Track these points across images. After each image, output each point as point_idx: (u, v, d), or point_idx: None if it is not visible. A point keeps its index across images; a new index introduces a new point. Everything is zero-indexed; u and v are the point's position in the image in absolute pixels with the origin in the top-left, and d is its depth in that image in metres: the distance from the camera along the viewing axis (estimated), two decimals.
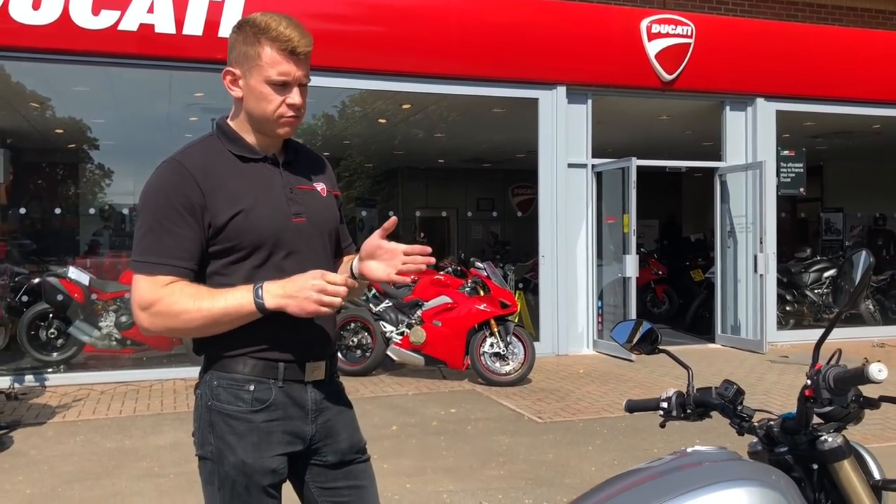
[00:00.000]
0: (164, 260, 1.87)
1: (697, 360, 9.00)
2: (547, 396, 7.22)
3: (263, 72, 1.91)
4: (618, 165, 9.64)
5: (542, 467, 5.15)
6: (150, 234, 1.88)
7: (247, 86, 1.95)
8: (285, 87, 1.93)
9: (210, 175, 1.91)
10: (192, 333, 1.93)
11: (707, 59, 9.93)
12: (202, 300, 1.85)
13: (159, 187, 1.90)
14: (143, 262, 1.88)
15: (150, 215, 1.89)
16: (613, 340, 2.27)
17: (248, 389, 1.92)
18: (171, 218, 1.87)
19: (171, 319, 1.86)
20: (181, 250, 1.88)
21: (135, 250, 1.90)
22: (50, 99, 10.65)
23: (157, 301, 1.86)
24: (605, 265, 10.11)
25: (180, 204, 1.87)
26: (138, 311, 1.89)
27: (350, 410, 2.15)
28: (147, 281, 1.87)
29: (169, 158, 1.94)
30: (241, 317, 1.86)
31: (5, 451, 5.56)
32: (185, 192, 1.87)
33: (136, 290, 1.89)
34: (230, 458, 1.90)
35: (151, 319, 1.88)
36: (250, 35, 1.93)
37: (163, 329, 1.91)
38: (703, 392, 1.99)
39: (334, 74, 8.61)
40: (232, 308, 1.84)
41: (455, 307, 7.69)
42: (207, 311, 1.84)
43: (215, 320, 1.85)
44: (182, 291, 1.86)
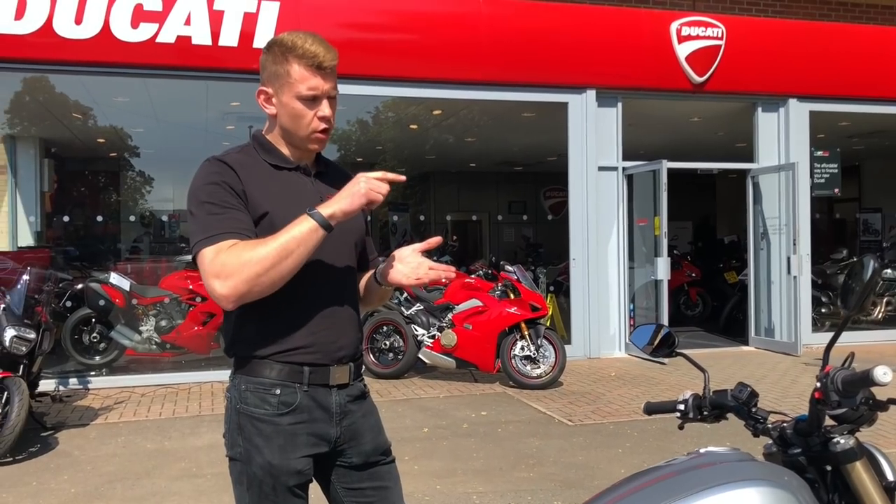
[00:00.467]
0: (226, 229, 1.92)
1: (731, 363, 8.96)
2: (578, 399, 7.26)
3: (294, 88, 2.02)
4: (648, 168, 9.64)
5: (572, 469, 5.20)
6: (210, 217, 1.93)
7: (279, 103, 2.05)
8: (315, 101, 2.04)
9: (247, 174, 2.02)
10: (270, 276, 1.87)
11: (738, 61, 9.89)
12: (266, 241, 1.89)
13: (207, 178, 1.99)
14: (207, 238, 1.91)
15: (204, 201, 1.96)
16: (632, 345, 2.34)
17: (275, 393, 2.00)
18: (226, 199, 1.95)
19: (246, 268, 1.85)
20: (241, 222, 1.95)
21: (196, 233, 1.94)
22: (92, 109, 10.96)
23: (226, 262, 1.87)
24: (636, 268, 10.11)
25: (231, 188, 1.97)
26: (214, 281, 1.88)
27: (374, 413, 2.22)
28: (212, 250, 1.89)
29: (210, 158, 2.04)
30: (307, 237, 1.90)
31: (51, 451, 5.76)
32: (232, 180, 1.98)
33: (205, 263, 1.90)
34: (257, 459, 1.99)
35: (229, 283, 1.86)
36: (279, 54, 2.03)
37: (243, 286, 1.86)
38: (719, 394, 2.05)
39: (367, 82, 8.77)
40: (297, 233, 1.89)
41: (486, 310, 7.77)
42: (275, 245, 1.87)
43: (287, 250, 1.87)
44: (245, 244, 1.90)
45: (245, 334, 2.04)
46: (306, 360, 2.03)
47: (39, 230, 11.47)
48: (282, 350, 2.02)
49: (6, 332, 5.73)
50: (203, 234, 1.92)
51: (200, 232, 1.93)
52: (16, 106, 10.44)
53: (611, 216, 9.85)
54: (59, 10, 7.69)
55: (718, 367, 8.72)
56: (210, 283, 1.90)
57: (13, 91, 9.74)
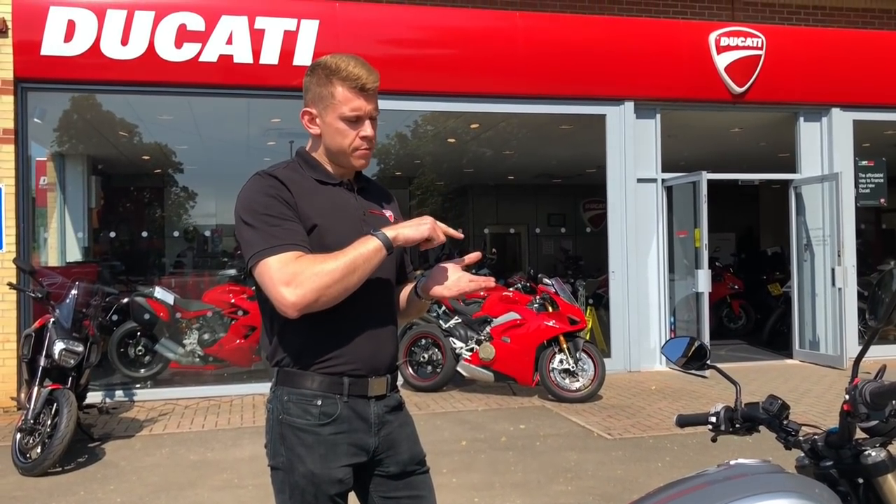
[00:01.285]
0: (287, 241, 1.99)
1: (775, 377, 8.82)
2: (617, 413, 7.21)
3: (338, 109, 2.10)
4: (688, 180, 9.56)
5: (611, 483, 5.17)
6: (267, 227, 2.00)
7: (324, 123, 2.14)
8: (358, 121, 2.11)
9: (296, 189, 2.08)
10: (336, 288, 1.96)
11: (779, 71, 9.78)
12: (335, 256, 1.97)
13: (260, 191, 2.05)
14: (269, 248, 1.97)
15: (259, 213, 2.02)
16: (665, 357, 2.35)
17: (316, 404, 2.06)
18: (283, 212, 2.02)
19: (316, 279, 1.93)
20: (298, 234, 2.02)
21: (253, 245, 1.99)
22: (137, 127, 11.22)
23: (297, 272, 1.93)
24: (677, 280, 10.01)
25: (283, 200, 2.04)
26: (282, 288, 1.93)
27: (410, 423, 2.27)
28: (278, 259, 1.96)
29: (259, 172, 2.12)
30: (372, 256, 1.99)
31: (98, 461, 5.90)
32: (285, 194, 2.05)
33: (271, 271, 1.95)
34: (300, 469, 2.04)
35: (297, 290, 1.93)
36: (323, 77, 2.11)
37: (311, 294, 1.93)
38: (751, 407, 2.05)
39: (405, 98, 8.87)
40: (364, 251, 1.98)
41: (524, 323, 7.77)
42: (344, 260, 1.96)
43: (353, 265, 1.96)
44: (314, 257, 1.98)
45: (287, 346, 2.09)
46: (346, 370, 2.08)
47: (87, 245, 11.75)
48: (323, 361, 2.07)
49: (56, 345, 5.90)
50: (265, 245, 1.99)
51: (261, 242, 2.00)
52: (64, 125, 10.74)
53: (650, 228, 9.78)
54: (107, 31, 7.93)
55: (762, 380, 8.59)
56: (278, 290, 1.95)
57: (62, 110, 10.02)
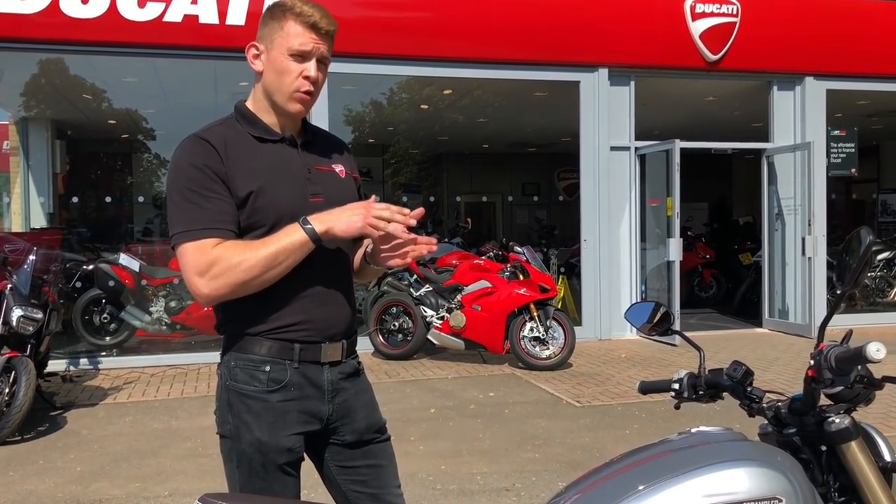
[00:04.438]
0: (207, 224, 1.89)
1: (744, 345, 8.87)
2: (587, 381, 7.21)
3: (285, 42, 1.98)
4: (661, 148, 9.51)
5: (578, 450, 5.16)
6: (189, 205, 1.90)
7: (268, 59, 2.01)
8: (304, 58, 1.99)
9: (230, 151, 1.96)
10: (255, 283, 1.89)
11: (753, 39, 9.71)
12: (256, 248, 1.88)
13: (188, 160, 1.94)
14: (187, 231, 1.89)
15: (183, 187, 1.92)
16: (629, 322, 2.28)
17: (264, 370, 1.98)
18: (207, 185, 1.91)
19: (232, 273, 1.86)
20: (222, 214, 1.91)
21: (174, 224, 1.91)
22: (105, 91, 10.95)
23: (213, 262, 1.86)
24: (649, 249, 10.01)
25: (212, 172, 1.92)
26: (196, 278, 1.87)
27: (368, 390, 2.19)
28: (195, 247, 1.88)
29: (191, 135, 1.99)
30: (297, 250, 1.89)
31: (59, 430, 5.79)
32: (212, 162, 1.93)
33: (187, 258, 1.89)
34: (247, 437, 1.97)
35: (212, 283, 1.87)
36: (277, 12, 2.00)
37: (226, 288, 1.88)
38: (714, 374, 1.99)
39: (377, 61, 8.73)
40: (287, 244, 1.88)
41: (495, 291, 7.72)
42: (265, 253, 1.87)
43: (275, 260, 1.87)
44: (235, 246, 1.89)
45: (236, 312, 2.00)
46: (297, 337, 2.00)
47: (52, 212, 11.53)
48: (273, 328, 1.99)
49: (13, 311, 5.74)
50: (184, 227, 1.90)
51: (181, 223, 1.91)
52: (27, 88, 10.45)
53: (623, 197, 9.74)
54: None
55: (732, 348, 8.64)
56: (192, 279, 1.90)
57: (24, 73, 9.74)
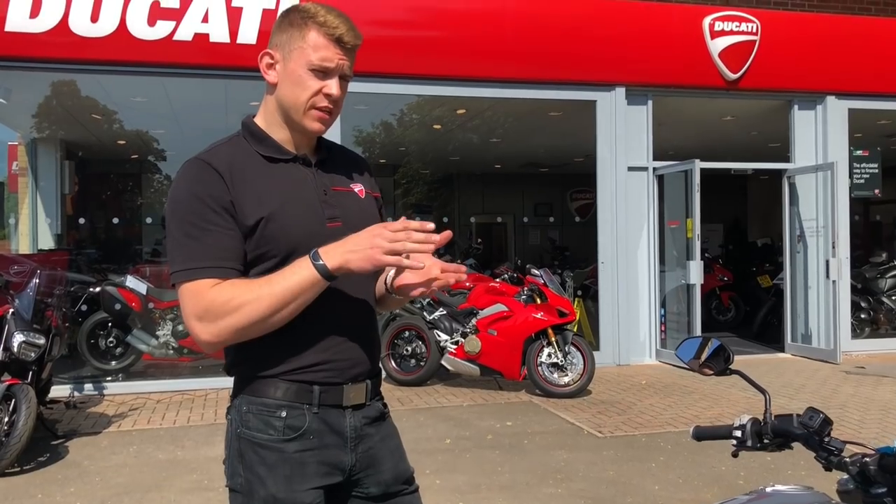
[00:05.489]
0: (207, 262, 1.69)
1: (767, 371, 8.60)
2: (607, 409, 6.95)
3: (305, 55, 1.77)
4: (680, 168, 9.30)
5: (602, 485, 4.90)
6: (189, 240, 1.70)
7: (284, 70, 1.80)
8: (325, 74, 1.79)
9: (237, 175, 1.75)
10: (260, 327, 1.68)
11: (774, 57, 9.53)
12: (259, 287, 1.66)
13: (189, 188, 1.73)
14: (187, 270, 1.69)
15: (184, 219, 1.72)
16: (679, 360, 2.06)
17: (280, 416, 1.76)
18: (208, 218, 1.70)
19: (233, 318, 1.65)
20: (224, 250, 1.70)
21: (173, 261, 1.71)
22: (115, 112, 10.83)
23: (210, 304, 1.66)
24: (667, 271, 9.77)
25: (214, 202, 1.71)
26: (195, 323, 1.68)
27: (395, 436, 1.97)
28: (193, 288, 1.68)
29: (194, 158, 1.78)
30: (307, 290, 1.67)
31: (60, 460, 5.56)
32: (216, 191, 1.72)
33: (185, 300, 1.70)
34: (260, 492, 1.74)
35: (212, 328, 1.67)
36: (297, 19, 1.79)
37: (227, 334, 1.67)
38: (783, 420, 1.76)
39: (390, 80, 8.59)
40: (294, 284, 1.66)
41: (511, 316, 7.48)
42: (269, 295, 1.65)
43: (282, 302, 1.66)
44: (234, 286, 1.68)
45: (247, 352, 1.78)
46: (317, 378, 1.78)
47: (60, 233, 11.37)
48: (290, 369, 1.77)
49: (14, 337, 5.54)
50: (183, 265, 1.70)
51: (180, 260, 1.71)
52: (36, 108, 10.34)
53: (640, 218, 9.52)
54: (75, 7, 7.53)
55: (756, 374, 8.20)
56: (191, 323, 1.70)
57: (33, 92, 9.62)
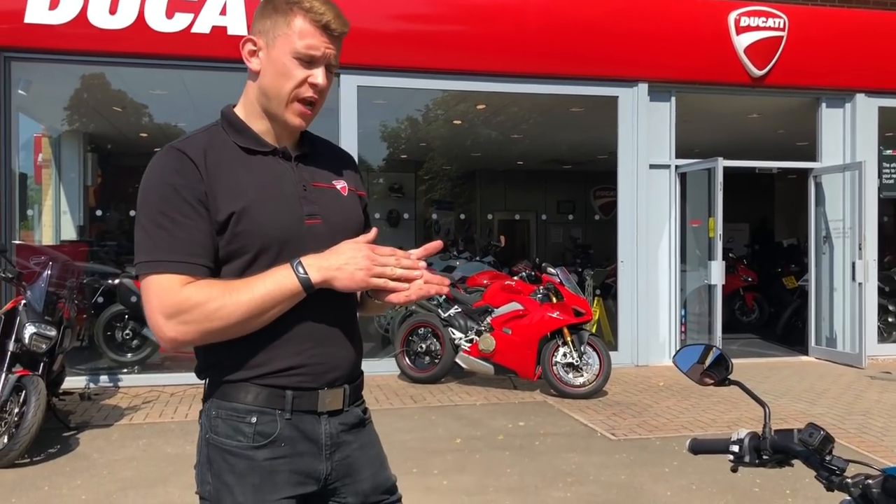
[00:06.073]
0: (178, 257, 1.61)
1: (789, 375, 8.41)
2: (623, 411, 6.82)
3: (290, 42, 1.69)
4: (703, 166, 9.13)
5: (613, 490, 4.80)
6: (159, 231, 1.62)
7: (267, 58, 1.73)
8: (311, 63, 1.71)
9: (212, 166, 1.68)
10: (231, 332, 1.63)
11: (801, 53, 9.31)
12: (237, 291, 1.60)
13: (162, 177, 1.66)
14: (155, 262, 1.61)
15: (154, 209, 1.64)
16: (676, 367, 1.96)
17: (250, 422, 1.69)
18: (180, 209, 1.63)
19: (207, 322, 1.59)
20: (196, 245, 1.63)
21: (140, 251, 1.64)
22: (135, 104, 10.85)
23: (183, 304, 1.59)
24: (689, 271, 9.60)
25: (188, 193, 1.63)
26: (160, 318, 1.60)
27: (375, 444, 1.89)
28: (161, 282, 1.60)
29: (168, 146, 1.71)
30: (286, 300, 1.62)
31: (70, 452, 5.57)
32: (190, 181, 1.64)
33: (150, 293, 1.62)
34: (228, 501, 1.68)
35: (180, 328, 1.60)
36: (282, 4, 1.71)
37: (195, 335, 1.62)
38: (783, 436, 1.66)
39: (408, 75, 8.54)
40: (275, 293, 1.60)
41: (526, 314, 7.38)
42: (248, 300, 1.59)
43: (259, 310, 1.60)
44: (211, 287, 1.61)
45: (218, 354, 1.71)
46: (290, 383, 1.70)
47: (81, 224, 11.43)
48: (261, 373, 1.69)
49: (26, 329, 5.54)
50: (150, 256, 1.63)
51: (147, 250, 1.63)
52: (57, 100, 10.38)
53: (662, 217, 9.36)
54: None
55: (776, 378, 8.19)
56: (155, 319, 1.62)
57: (54, 84, 9.66)
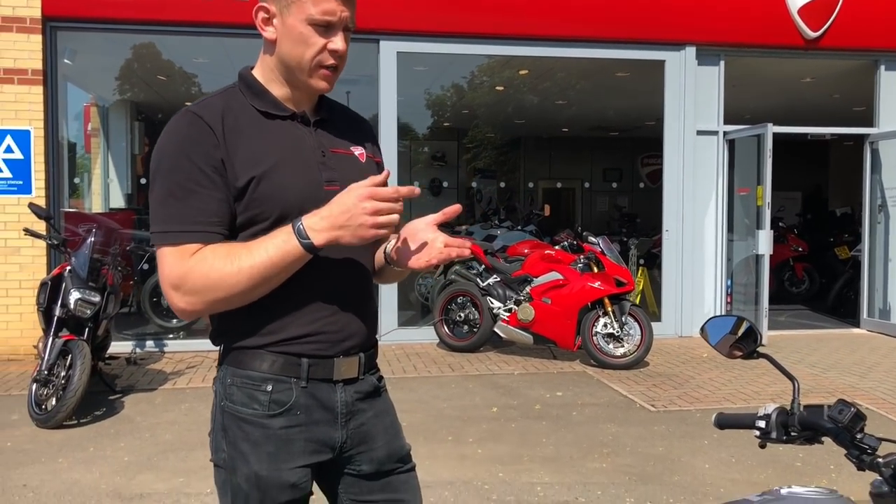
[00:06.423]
0: (188, 227, 1.60)
1: (839, 347, 8.19)
2: (663, 382, 6.72)
3: (304, 8, 1.65)
4: (752, 132, 8.85)
5: (650, 461, 4.73)
6: (171, 200, 1.61)
7: (283, 25, 1.68)
8: (328, 29, 1.67)
9: (229, 130, 1.65)
10: (239, 300, 1.62)
11: (859, 13, 8.92)
12: (240, 258, 1.58)
13: (177, 143, 1.64)
14: (166, 233, 1.61)
15: (168, 177, 1.62)
16: (704, 338, 1.88)
17: (265, 390, 1.68)
18: (194, 177, 1.60)
19: (211, 291, 1.59)
20: (208, 213, 1.61)
21: (154, 220, 1.63)
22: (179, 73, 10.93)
23: (187, 274, 1.59)
24: (736, 241, 9.38)
25: (202, 161, 1.61)
26: (171, 291, 1.61)
27: (390, 412, 1.88)
28: (173, 253, 1.60)
29: (184, 110, 1.68)
30: (291, 263, 1.59)
31: (115, 415, 5.70)
32: (205, 147, 1.62)
33: (163, 265, 1.62)
34: (242, 469, 1.68)
35: (188, 298, 1.60)
36: None
37: (203, 306, 1.61)
38: (812, 412, 1.58)
39: (449, 40, 8.46)
40: (277, 258, 1.57)
41: (566, 284, 7.28)
42: (250, 268, 1.57)
43: (263, 277, 1.58)
44: (214, 254, 1.59)
45: (233, 321, 1.70)
46: (305, 350, 1.69)
47: (129, 193, 11.62)
48: (276, 340, 1.68)
49: (71, 294, 5.67)
50: (163, 226, 1.61)
51: (160, 221, 1.62)
52: (102, 67, 10.50)
53: (709, 184, 9.13)
54: None
55: (825, 350, 7.98)
56: (166, 290, 1.63)
57: (99, 54, 9.78)
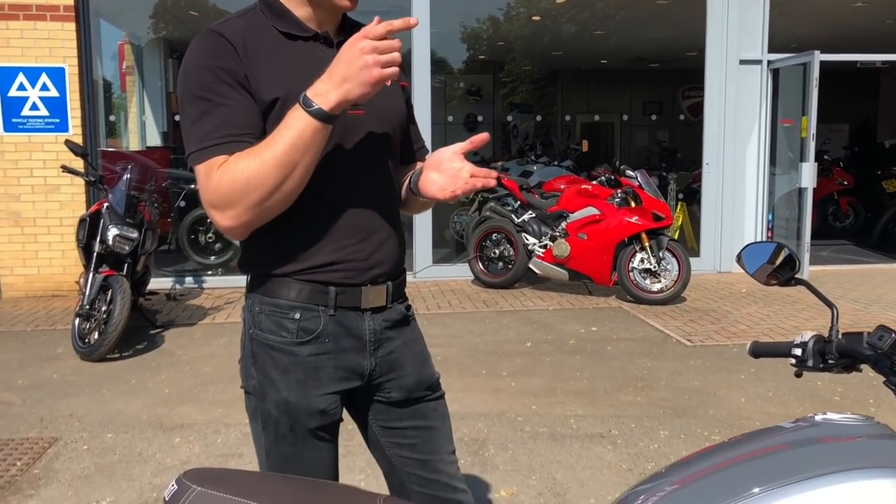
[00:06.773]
0: (217, 139, 1.55)
1: (882, 282, 8.01)
2: (700, 317, 6.65)
3: None
4: (797, 61, 8.53)
5: (685, 395, 4.71)
6: (201, 116, 1.56)
7: None
8: None
9: (252, 50, 1.60)
10: (277, 199, 1.54)
11: None
12: (261, 153, 1.51)
13: (199, 59, 1.59)
14: (199, 151, 1.56)
15: (195, 94, 1.57)
16: (740, 265, 1.82)
17: (294, 318, 1.67)
18: (220, 91, 1.56)
19: (245, 195, 1.52)
20: (233, 125, 1.56)
21: (188, 142, 1.59)
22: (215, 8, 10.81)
23: (218, 185, 1.53)
24: (778, 174, 9.14)
25: (227, 75, 1.56)
26: (212, 211, 1.57)
27: (419, 341, 1.87)
28: (203, 170, 1.55)
29: (204, 30, 1.63)
30: (310, 141, 1.51)
31: (156, 349, 5.82)
32: (229, 63, 1.57)
33: (201, 185, 1.56)
34: (272, 396, 1.68)
35: (228, 212, 1.54)
36: None
37: (246, 214, 1.54)
38: (851, 339, 1.52)
39: None
40: (295, 137, 1.50)
41: (603, 219, 7.19)
42: (272, 157, 1.50)
43: (289, 162, 1.50)
44: (237, 158, 1.53)
45: (260, 249, 1.69)
46: (333, 278, 1.67)
47: (165, 130, 11.67)
48: (304, 268, 1.66)
49: (109, 230, 5.74)
50: (195, 145, 1.56)
51: (193, 139, 1.57)
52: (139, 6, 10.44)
53: (752, 116, 8.86)
54: None
55: (869, 285, 7.81)
56: (209, 212, 1.59)
57: None
